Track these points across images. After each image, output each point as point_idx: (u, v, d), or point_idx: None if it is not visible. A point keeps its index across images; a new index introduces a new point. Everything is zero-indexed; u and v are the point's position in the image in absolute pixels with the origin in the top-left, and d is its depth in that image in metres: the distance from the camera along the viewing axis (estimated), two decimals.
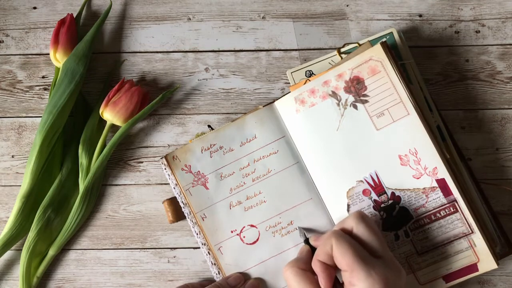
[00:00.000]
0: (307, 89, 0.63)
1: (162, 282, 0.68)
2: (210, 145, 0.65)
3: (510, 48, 0.69)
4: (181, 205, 0.65)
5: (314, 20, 0.70)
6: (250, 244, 0.64)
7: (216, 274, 0.64)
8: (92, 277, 0.68)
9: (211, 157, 0.65)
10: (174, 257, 0.68)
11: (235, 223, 0.64)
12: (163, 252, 0.68)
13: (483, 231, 0.60)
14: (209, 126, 0.68)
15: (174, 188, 0.65)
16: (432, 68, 0.68)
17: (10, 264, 0.68)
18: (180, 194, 0.65)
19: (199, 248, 0.68)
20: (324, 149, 0.62)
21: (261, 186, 0.64)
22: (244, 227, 0.64)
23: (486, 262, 0.60)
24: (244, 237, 0.64)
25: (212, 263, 0.64)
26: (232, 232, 0.64)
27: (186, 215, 0.65)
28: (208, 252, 0.64)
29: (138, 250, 0.68)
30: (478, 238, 0.60)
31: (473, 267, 0.60)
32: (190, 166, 0.65)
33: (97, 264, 0.68)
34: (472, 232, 0.60)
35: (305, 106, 0.63)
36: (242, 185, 0.64)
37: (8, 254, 0.68)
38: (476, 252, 0.60)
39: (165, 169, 0.65)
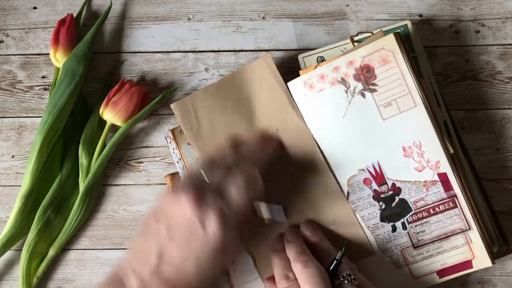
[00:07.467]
0: (317, 74, 0.62)
1: None
2: None
3: (510, 48, 0.69)
4: None
5: (314, 20, 0.70)
6: None
7: None
8: (92, 277, 0.68)
9: None
10: None
11: None
12: None
13: (480, 228, 0.60)
14: None
15: (177, 162, 0.65)
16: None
17: (10, 264, 0.68)
18: (183, 169, 0.65)
19: None
20: (328, 135, 0.62)
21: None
22: None
23: (481, 260, 0.60)
24: None
25: None
26: None
27: None
28: None
29: None
30: (475, 235, 0.60)
31: (467, 264, 0.60)
32: None
33: (97, 264, 0.68)
34: (470, 229, 0.60)
35: (313, 91, 0.62)
36: None
37: (8, 254, 0.68)
38: (472, 249, 0.60)
39: (170, 142, 0.65)
